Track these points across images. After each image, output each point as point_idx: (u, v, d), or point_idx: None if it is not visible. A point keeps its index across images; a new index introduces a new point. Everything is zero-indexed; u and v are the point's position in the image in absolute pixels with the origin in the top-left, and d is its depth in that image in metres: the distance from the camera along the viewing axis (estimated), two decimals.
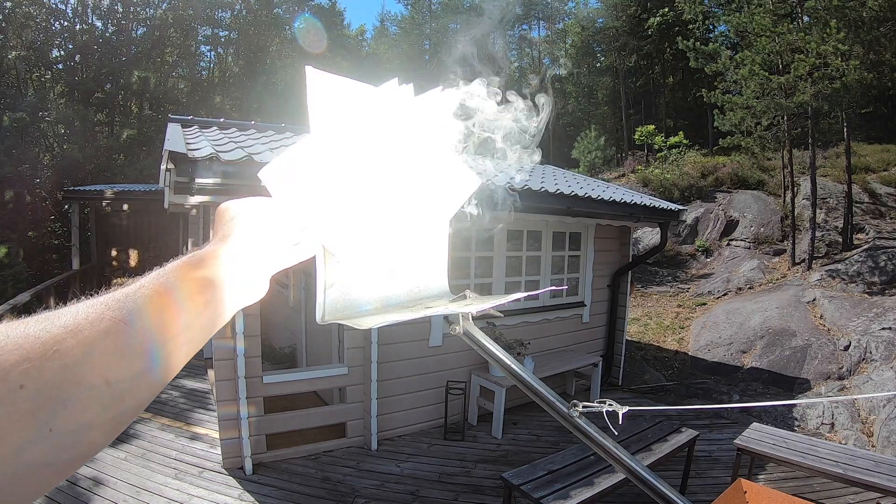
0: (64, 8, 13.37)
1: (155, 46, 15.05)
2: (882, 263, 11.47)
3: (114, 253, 9.62)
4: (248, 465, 3.98)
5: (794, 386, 8.60)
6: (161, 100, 14.98)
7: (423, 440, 4.83)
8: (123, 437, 4.42)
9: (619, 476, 3.16)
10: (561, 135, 27.27)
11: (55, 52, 13.91)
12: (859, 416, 7.45)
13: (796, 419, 7.38)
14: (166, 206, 5.33)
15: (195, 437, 4.57)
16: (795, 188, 14.61)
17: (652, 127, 21.32)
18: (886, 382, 8.07)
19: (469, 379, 5.20)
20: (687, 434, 3.94)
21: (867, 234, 13.45)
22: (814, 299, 10.71)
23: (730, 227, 15.22)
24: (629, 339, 7.96)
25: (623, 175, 20.73)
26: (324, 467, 4.19)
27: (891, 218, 14.10)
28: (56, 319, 0.31)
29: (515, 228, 5.62)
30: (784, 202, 15.18)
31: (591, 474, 3.23)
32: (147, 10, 14.80)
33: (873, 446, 6.85)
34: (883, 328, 9.14)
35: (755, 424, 4.25)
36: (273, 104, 14.87)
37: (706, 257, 14.51)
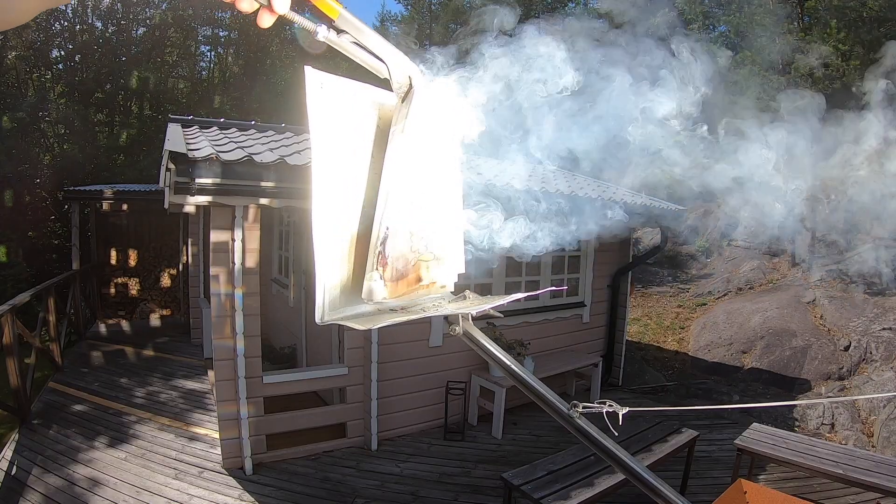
0: (64, 8, 13.35)
1: (155, 46, 15.04)
2: (882, 264, 11.45)
3: (113, 253, 9.61)
4: (248, 465, 3.98)
5: (795, 386, 8.60)
6: (161, 100, 14.96)
7: (423, 440, 4.83)
8: (123, 437, 4.43)
9: (619, 476, 3.16)
10: None
11: (55, 52, 13.89)
12: (859, 416, 7.45)
13: (796, 419, 7.37)
14: (166, 206, 5.32)
15: (195, 438, 4.56)
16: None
17: None
18: (886, 383, 8.07)
19: (469, 379, 5.20)
20: (687, 434, 3.93)
21: (868, 233, 13.44)
22: (814, 299, 10.71)
23: (730, 227, 15.21)
24: (629, 339, 7.96)
25: None
26: (324, 467, 4.19)
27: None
28: None
29: None
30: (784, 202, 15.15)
31: (592, 475, 3.22)
32: (147, 10, 14.78)
33: (873, 447, 6.86)
34: (883, 328, 9.14)
35: (755, 425, 4.25)
36: (273, 104, 14.85)
37: (706, 257, 14.50)
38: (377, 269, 0.65)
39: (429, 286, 0.72)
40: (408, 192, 0.68)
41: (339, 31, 0.61)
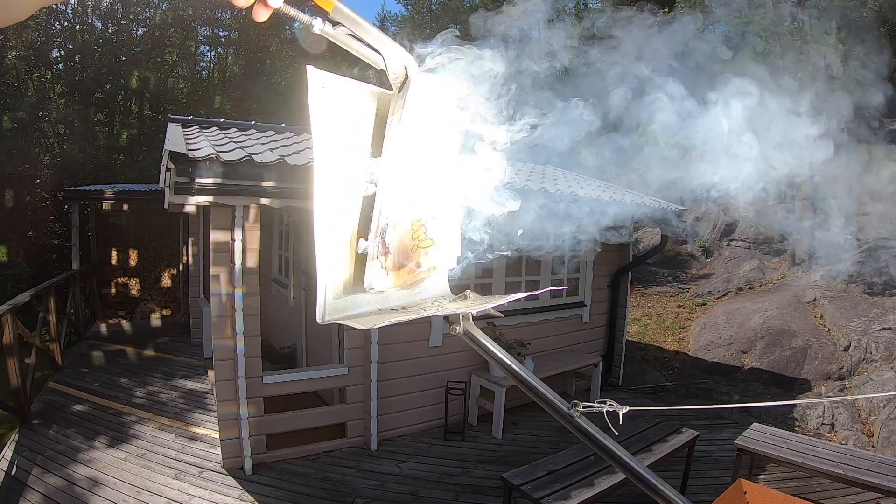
0: (64, 8, 13.34)
1: (155, 46, 15.04)
2: (882, 264, 11.45)
3: (114, 253, 9.61)
4: (248, 465, 3.98)
5: (795, 386, 8.60)
6: (161, 100, 14.97)
7: (423, 440, 4.83)
8: (123, 437, 4.43)
9: (620, 476, 3.16)
10: None
11: (55, 52, 13.89)
12: (859, 416, 7.45)
13: (796, 419, 7.37)
14: (166, 206, 5.33)
15: (195, 438, 4.56)
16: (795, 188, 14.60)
17: None
18: (886, 383, 8.07)
19: (469, 379, 5.20)
20: (687, 434, 3.93)
21: (868, 233, 13.44)
22: (814, 299, 10.70)
23: (730, 227, 15.21)
24: (629, 339, 7.96)
25: None
26: (324, 467, 4.19)
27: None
28: None
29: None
30: (784, 202, 15.16)
31: (592, 474, 3.22)
32: (147, 10, 14.79)
33: (873, 446, 6.86)
34: (883, 328, 9.14)
35: (755, 425, 4.25)
36: (273, 104, 14.84)
37: (706, 257, 14.50)
38: (378, 258, 0.66)
39: (429, 271, 0.73)
40: (406, 181, 0.68)
41: (335, 24, 0.61)
